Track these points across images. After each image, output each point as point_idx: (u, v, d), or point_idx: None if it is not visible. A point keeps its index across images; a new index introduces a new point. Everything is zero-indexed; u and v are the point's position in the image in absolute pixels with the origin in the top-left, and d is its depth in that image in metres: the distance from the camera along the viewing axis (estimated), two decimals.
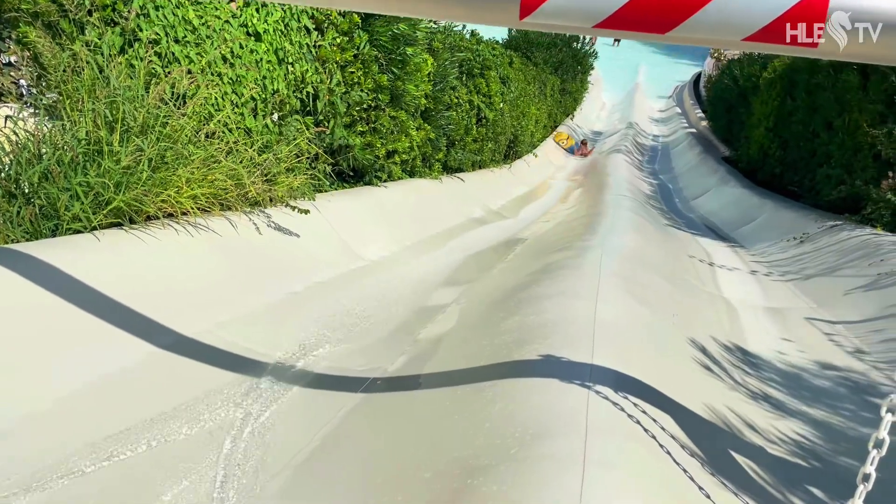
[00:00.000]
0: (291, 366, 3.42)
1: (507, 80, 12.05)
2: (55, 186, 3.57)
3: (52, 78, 4.18)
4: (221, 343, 3.47)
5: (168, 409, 2.79)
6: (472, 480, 1.91)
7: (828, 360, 4.33)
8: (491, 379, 2.71)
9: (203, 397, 2.93)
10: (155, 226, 3.97)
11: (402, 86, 6.91)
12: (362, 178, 7.02)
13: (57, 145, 3.69)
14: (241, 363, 3.33)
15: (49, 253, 3.22)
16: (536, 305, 3.65)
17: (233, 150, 4.70)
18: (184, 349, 3.28)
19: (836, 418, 3.40)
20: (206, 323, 3.59)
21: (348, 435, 2.67)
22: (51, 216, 3.57)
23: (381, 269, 5.56)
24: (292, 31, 5.44)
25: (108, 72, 4.12)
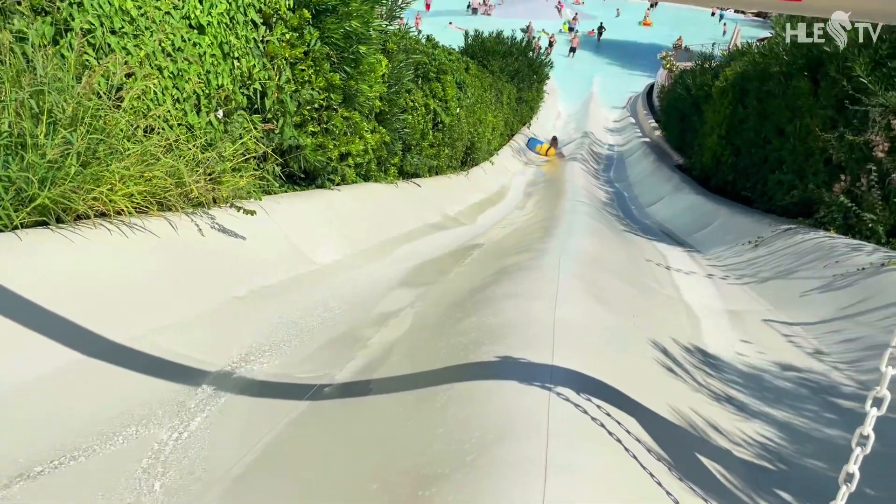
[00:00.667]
0: (232, 373, 3.18)
1: (464, 86, 11.95)
2: None
3: None
4: (156, 350, 3.21)
5: (93, 420, 2.53)
6: (424, 492, 1.72)
7: (787, 362, 4.27)
8: (446, 382, 2.53)
9: (132, 408, 2.68)
10: (85, 225, 3.69)
11: (355, 86, 6.72)
12: (314, 180, 6.79)
13: None
14: (177, 371, 3.08)
15: None
16: (494, 306, 3.48)
17: (173, 146, 4.44)
18: (114, 357, 3.02)
19: (799, 419, 3.31)
20: (140, 329, 3.33)
21: (291, 445, 2.45)
22: None
23: (333, 273, 5.34)
24: (238, 25, 5.21)
25: (35, 61, 3.84)
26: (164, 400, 2.79)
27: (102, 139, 3.81)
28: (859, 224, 6.72)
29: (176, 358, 3.20)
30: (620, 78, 39.67)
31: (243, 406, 2.87)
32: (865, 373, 3.87)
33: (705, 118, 13.60)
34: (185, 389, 2.95)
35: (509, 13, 48.38)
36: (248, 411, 2.79)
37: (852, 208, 6.82)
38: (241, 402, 2.89)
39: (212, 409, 2.80)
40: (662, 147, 20.33)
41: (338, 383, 3.04)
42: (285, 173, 6.34)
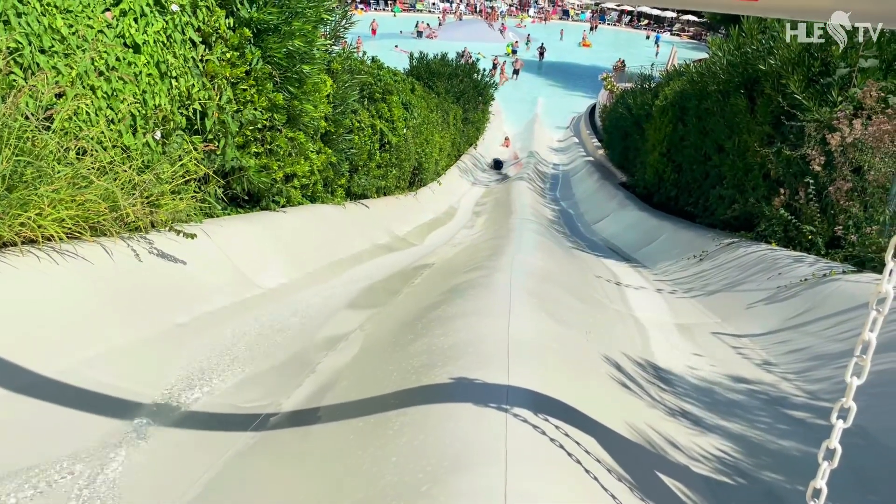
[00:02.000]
0: (171, 404, 3.00)
1: (410, 106, 11.93)
2: None
3: None
4: (87, 383, 3.01)
5: (15, 460, 2.34)
6: None
7: (738, 374, 4.30)
8: (398, 407, 2.43)
9: (56, 447, 2.48)
10: (11, 253, 3.47)
11: (299, 106, 6.60)
12: (258, 202, 6.62)
13: None
14: (109, 405, 2.89)
15: None
16: (446, 326, 3.40)
17: (107, 169, 4.24)
18: (39, 392, 2.81)
19: (753, 431, 3.31)
20: (70, 360, 3.12)
21: (235, 480, 2.31)
22: None
23: (280, 296, 5.18)
24: (176, 44, 5.05)
25: None
26: (95, 435, 2.61)
27: (30, 162, 3.61)
28: (799, 236, 6.90)
29: (108, 390, 3.01)
30: (562, 99, 40.42)
31: (184, 439, 2.71)
32: (814, 382, 3.92)
33: (647, 136, 13.90)
34: (117, 423, 2.77)
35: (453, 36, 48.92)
36: (189, 445, 2.62)
37: (792, 221, 7.00)
38: (182, 434, 2.72)
39: (148, 443, 2.62)
40: (606, 166, 20.71)
41: (285, 412, 2.90)
42: (228, 195, 6.16)
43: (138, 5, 4.78)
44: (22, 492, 2.18)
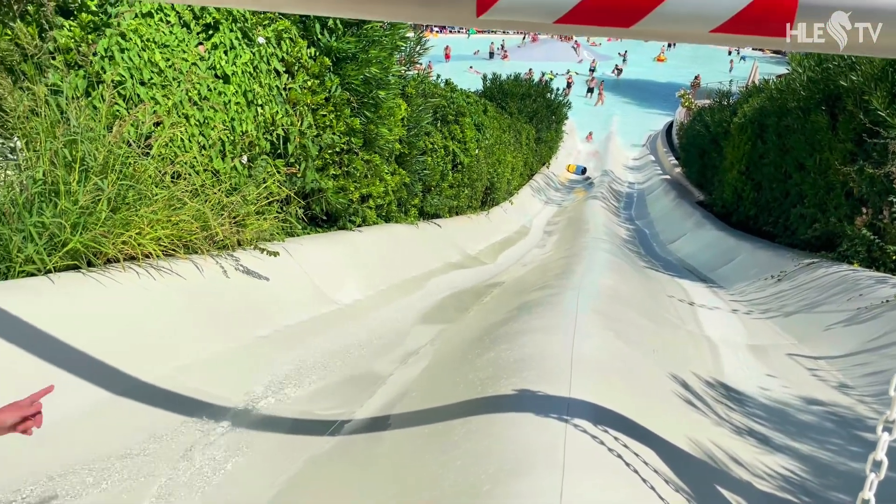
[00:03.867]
0: (253, 410, 3.23)
1: (482, 127, 12.13)
2: (8, 227, 3.42)
3: (10, 119, 4.06)
4: (180, 388, 3.28)
5: (112, 457, 2.59)
6: None
7: (812, 395, 4.22)
8: (463, 416, 2.56)
9: (152, 445, 2.73)
10: (115, 269, 3.81)
11: (375, 129, 6.88)
12: (335, 222, 6.91)
13: (11, 185, 3.55)
14: (199, 408, 3.14)
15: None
16: (512, 341, 3.51)
17: (199, 191, 4.58)
18: (139, 395, 3.09)
19: (823, 453, 3.27)
20: (166, 368, 3.41)
21: (311, 481, 2.49)
22: (2, 258, 3.40)
23: (355, 312, 5.40)
24: (261, 74, 5.40)
25: (69, 112, 4.02)
26: (186, 436, 2.85)
27: (132, 185, 3.96)
28: (883, 257, 6.66)
29: (199, 395, 3.27)
30: (639, 117, 39.86)
31: (265, 442, 2.91)
32: None
33: (725, 154, 13.62)
34: (207, 425, 3.01)
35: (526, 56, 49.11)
36: (269, 447, 2.83)
37: (875, 241, 6.77)
38: (263, 438, 2.93)
39: (233, 444, 2.84)
40: (683, 184, 20.33)
41: (358, 419, 3.08)
42: (308, 216, 6.47)
43: (228, 39, 5.15)
44: (122, 481, 2.42)
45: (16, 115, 4.03)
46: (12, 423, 1.60)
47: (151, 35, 4.71)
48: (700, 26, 1.52)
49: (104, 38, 4.50)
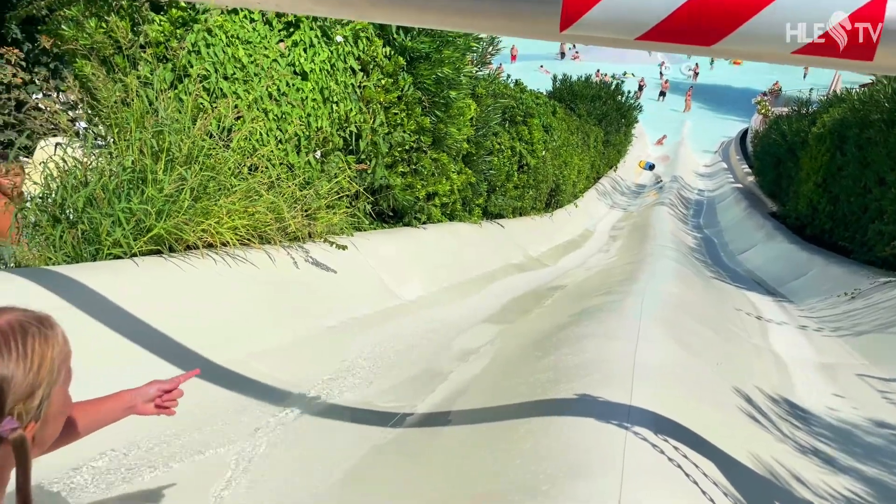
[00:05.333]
0: (319, 398, 3.35)
1: (550, 129, 12.09)
2: (98, 212, 3.63)
3: (103, 109, 4.31)
4: (251, 373, 3.43)
5: (187, 433, 2.73)
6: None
7: (882, 418, 4.08)
8: (523, 416, 2.60)
9: (224, 425, 2.87)
10: (194, 255, 4.00)
11: (444, 129, 6.96)
12: (402, 218, 7.03)
13: (103, 172, 3.77)
14: (268, 393, 3.28)
15: (87, 276, 3.24)
16: (574, 345, 3.53)
17: (275, 184, 4.74)
18: (212, 377, 3.25)
19: (891, 477, 3.17)
20: (238, 353, 3.56)
21: (373, 469, 2.57)
22: (92, 241, 3.62)
23: (417, 308, 5.50)
24: (338, 72, 5.54)
25: (157, 104, 4.23)
26: (254, 419, 2.97)
27: (213, 176, 4.14)
28: None
29: (269, 381, 3.41)
30: (712, 122, 38.88)
31: (330, 429, 3.02)
32: None
33: (801, 165, 13.19)
34: (275, 408, 3.13)
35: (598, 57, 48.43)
36: (334, 434, 2.93)
37: None
38: (328, 425, 3.04)
39: (300, 429, 2.96)
40: (755, 194, 19.75)
41: (419, 413, 3.16)
42: (375, 211, 6.60)
43: (308, 37, 5.31)
44: (192, 457, 2.56)
45: (108, 105, 4.28)
46: (154, 395, 1.70)
47: (236, 31, 4.91)
48: (780, 48, 1.52)
49: (192, 34, 4.72)
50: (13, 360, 1.02)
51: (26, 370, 1.04)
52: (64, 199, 3.69)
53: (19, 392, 1.03)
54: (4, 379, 1.00)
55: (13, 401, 1.02)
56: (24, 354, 1.04)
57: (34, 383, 1.05)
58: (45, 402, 1.09)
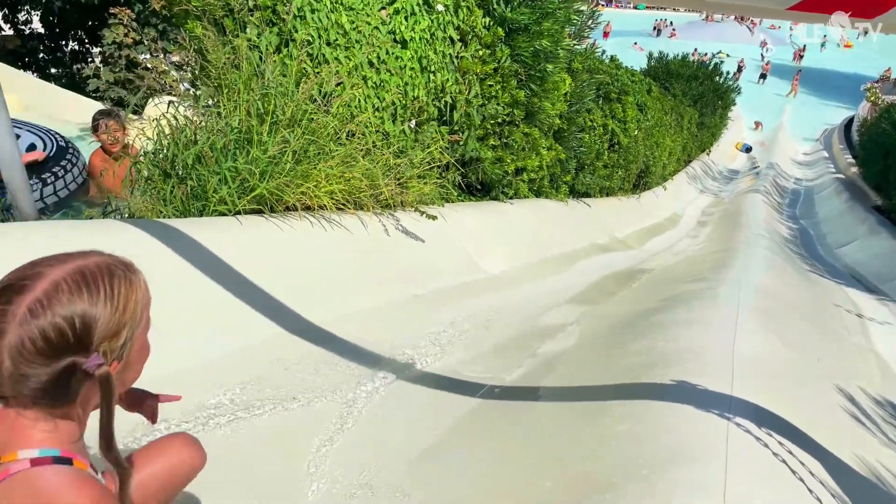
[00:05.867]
0: (409, 364, 3.40)
1: (644, 108, 11.73)
2: (206, 169, 3.77)
3: (212, 70, 4.44)
4: (343, 334, 3.51)
5: (285, 388, 2.82)
6: (599, 496, 1.78)
7: None
8: (617, 399, 2.56)
9: (319, 384, 2.95)
10: (292, 217, 4.10)
11: (538, 103, 6.85)
12: (489, 192, 7.00)
13: (212, 131, 3.90)
14: (360, 355, 3.35)
15: (195, 230, 3.38)
16: (668, 331, 3.44)
17: (370, 151, 4.80)
18: (308, 335, 3.34)
19: None
20: (332, 313, 3.65)
21: (464, 436, 2.60)
22: (200, 197, 3.76)
23: (502, 283, 5.48)
24: (437, 41, 5.52)
25: (264, 67, 4.33)
26: (345, 381, 3.04)
27: (314, 140, 4.22)
28: None
29: (360, 343, 3.48)
30: (814, 109, 36.83)
31: (417, 396, 3.06)
32: None
33: None
34: (364, 373, 3.20)
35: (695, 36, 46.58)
36: (421, 401, 2.97)
37: None
38: (416, 391, 3.08)
39: (387, 395, 3.01)
40: (858, 185, 18.64)
41: (506, 386, 3.16)
42: (464, 183, 6.59)
43: (409, 4, 5.30)
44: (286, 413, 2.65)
45: (218, 66, 4.41)
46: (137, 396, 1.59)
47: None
48: None
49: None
50: (101, 300, 1.06)
51: (113, 310, 1.07)
52: (175, 155, 3.84)
53: (105, 330, 1.06)
54: (92, 317, 1.04)
55: (99, 338, 1.06)
56: (110, 295, 1.07)
57: (119, 323, 1.09)
58: (129, 343, 1.13)
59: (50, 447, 1.08)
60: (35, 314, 0.99)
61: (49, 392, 1.04)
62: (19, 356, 0.99)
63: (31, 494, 1.03)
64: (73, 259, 1.08)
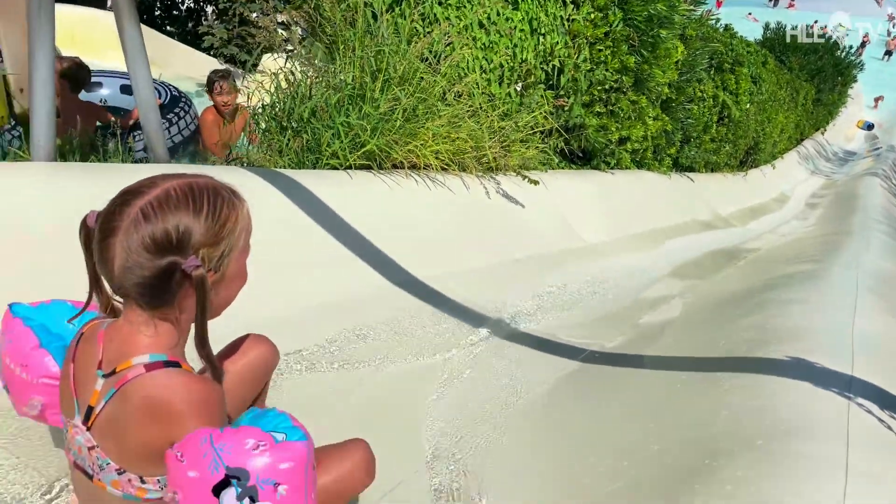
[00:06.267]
0: (509, 324, 3.42)
1: (759, 81, 11.15)
2: (321, 123, 3.87)
3: (327, 27, 4.53)
4: (447, 291, 3.56)
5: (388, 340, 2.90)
6: (710, 462, 1.75)
7: None
8: (728, 371, 2.50)
9: (422, 336, 3.01)
10: (399, 174, 4.17)
11: (647, 70, 6.64)
12: (590, 161, 6.87)
13: (327, 86, 3.99)
14: (462, 312, 3.40)
15: (309, 181, 3.50)
16: (781, 309, 3.31)
17: (476, 113, 4.79)
18: (413, 289, 3.42)
19: None
20: (435, 270, 3.71)
21: (563, 396, 2.60)
22: (313, 150, 3.88)
23: (600, 253, 5.41)
24: (549, 2, 5.42)
25: (377, 26, 4.38)
26: (448, 336, 3.10)
27: (423, 99, 4.25)
28: None
29: (462, 301, 3.53)
30: None
31: (517, 355, 3.08)
32: None
33: None
34: (467, 329, 3.24)
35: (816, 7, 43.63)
36: (522, 358, 2.99)
37: None
38: (516, 350, 3.10)
39: (488, 352, 3.05)
40: None
41: (608, 352, 3.13)
42: (566, 150, 6.50)
43: None
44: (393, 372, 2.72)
45: (334, 23, 4.50)
46: None
47: None
48: None
49: None
50: (203, 212, 1.15)
51: (213, 222, 1.17)
52: (291, 109, 3.96)
53: (204, 238, 1.16)
54: (194, 225, 1.14)
55: (198, 244, 1.15)
56: (212, 210, 1.17)
57: (218, 236, 1.18)
58: (226, 258, 1.22)
59: (157, 352, 1.19)
60: (146, 216, 1.10)
61: (151, 289, 1.14)
62: (129, 251, 1.10)
63: (148, 396, 1.14)
64: (186, 177, 1.20)
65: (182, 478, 1.09)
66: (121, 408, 1.16)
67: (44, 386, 1.40)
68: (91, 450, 1.21)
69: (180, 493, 1.11)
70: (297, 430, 1.19)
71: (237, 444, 1.09)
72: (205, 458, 1.07)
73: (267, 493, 1.08)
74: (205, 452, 1.07)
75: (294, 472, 1.11)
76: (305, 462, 1.15)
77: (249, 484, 1.07)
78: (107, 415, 1.18)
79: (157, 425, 1.14)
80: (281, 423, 1.21)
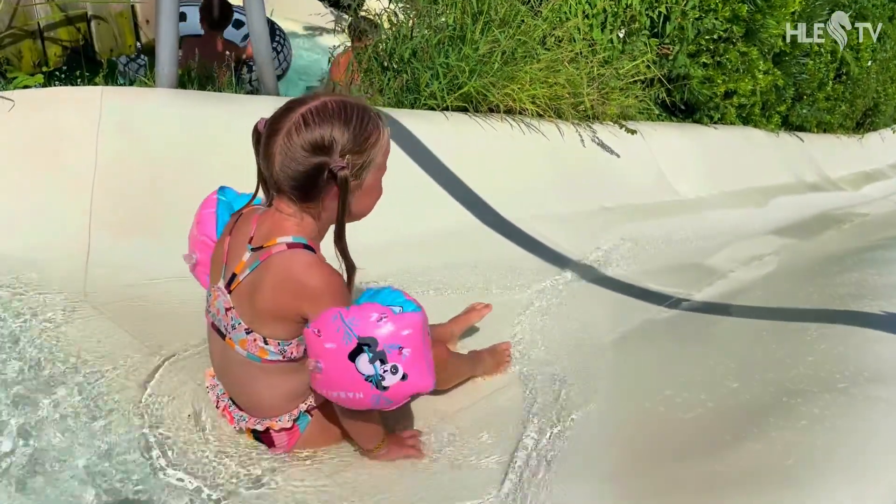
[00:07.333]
0: (595, 267, 3.47)
1: (884, 37, 10.36)
2: (421, 64, 3.96)
3: None
4: (533, 232, 3.64)
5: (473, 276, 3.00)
6: (788, 399, 1.78)
7: None
8: (817, 321, 2.47)
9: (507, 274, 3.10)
10: (494, 118, 4.22)
11: (760, 20, 6.32)
12: (692, 114, 6.66)
13: (429, 27, 4.06)
14: (549, 254, 3.47)
15: (408, 120, 3.61)
16: (881, 268, 3.20)
17: (576, 59, 4.75)
18: (502, 229, 3.51)
19: None
20: (524, 213, 3.78)
21: (646, 337, 2.65)
22: (412, 90, 3.98)
23: (695, 207, 5.30)
24: None
25: None
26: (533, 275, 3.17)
27: (523, 41, 4.25)
28: None
29: (549, 244, 3.59)
30: None
31: (601, 298, 3.13)
32: None
33: None
34: (552, 270, 3.31)
35: None
36: (608, 301, 3.05)
37: None
38: (602, 293, 3.16)
39: (576, 291, 3.11)
40: None
41: (695, 301, 3.13)
42: (667, 101, 6.33)
43: None
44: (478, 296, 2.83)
45: None
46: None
47: None
48: None
49: None
50: (353, 125, 1.34)
51: (360, 134, 1.35)
52: (393, 49, 4.07)
53: (351, 145, 1.34)
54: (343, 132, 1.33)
55: (345, 149, 1.33)
56: (360, 124, 1.35)
57: (363, 146, 1.37)
58: (366, 169, 1.40)
59: (299, 236, 1.41)
60: (306, 121, 1.31)
61: (303, 184, 1.35)
62: (288, 149, 1.31)
63: (286, 268, 1.37)
64: (344, 96, 1.40)
65: (321, 349, 1.32)
66: (262, 276, 1.38)
67: (202, 243, 1.67)
68: (228, 311, 1.45)
69: (322, 362, 1.33)
70: (410, 303, 1.40)
71: (363, 318, 1.31)
72: (338, 332, 1.30)
73: (394, 356, 1.30)
74: (338, 327, 1.30)
75: (414, 337, 1.32)
76: (422, 328, 1.35)
77: (378, 349, 1.29)
78: (249, 281, 1.41)
79: (291, 295, 1.37)
80: (396, 298, 1.42)
